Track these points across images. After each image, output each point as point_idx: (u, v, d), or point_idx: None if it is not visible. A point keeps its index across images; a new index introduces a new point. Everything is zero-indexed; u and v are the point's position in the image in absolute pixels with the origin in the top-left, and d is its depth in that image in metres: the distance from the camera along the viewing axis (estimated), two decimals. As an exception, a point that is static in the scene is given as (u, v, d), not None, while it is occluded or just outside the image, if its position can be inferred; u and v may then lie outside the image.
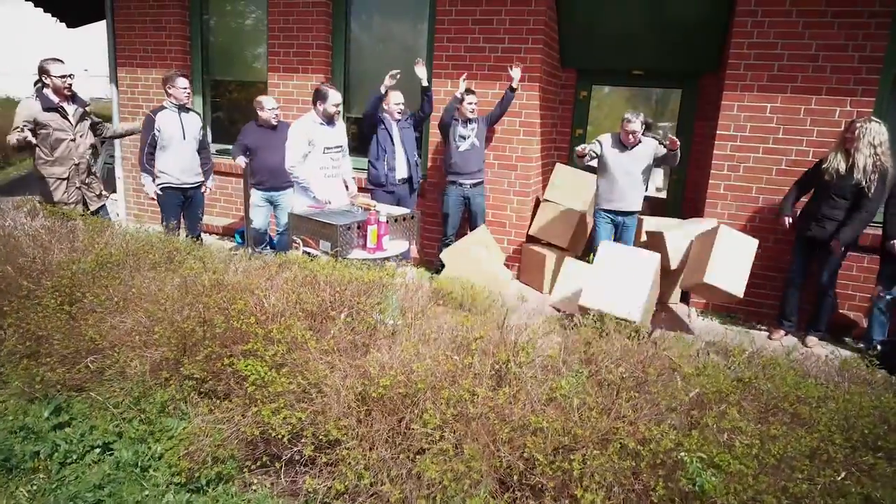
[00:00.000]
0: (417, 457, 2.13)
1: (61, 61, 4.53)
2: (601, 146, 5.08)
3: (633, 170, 5.02)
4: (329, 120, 4.75)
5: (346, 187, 5.04)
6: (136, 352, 2.55)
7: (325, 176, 4.78)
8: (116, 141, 7.75)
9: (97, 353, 2.64)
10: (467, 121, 5.50)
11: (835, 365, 2.72)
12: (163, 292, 2.83)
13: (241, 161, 5.51)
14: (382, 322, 2.74)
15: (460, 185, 5.57)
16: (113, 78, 7.72)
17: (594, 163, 5.24)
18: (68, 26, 10.65)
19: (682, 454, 1.91)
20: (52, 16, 9.78)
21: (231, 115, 7.47)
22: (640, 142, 5.01)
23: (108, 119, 10.50)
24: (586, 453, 1.95)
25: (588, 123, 6.54)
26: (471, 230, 5.84)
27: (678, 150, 4.82)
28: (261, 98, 5.55)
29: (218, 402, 2.47)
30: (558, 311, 5.08)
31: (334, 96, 4.67)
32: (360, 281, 2.92)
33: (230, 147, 6.99)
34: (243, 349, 2.38)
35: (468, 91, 5.52)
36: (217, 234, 7.22)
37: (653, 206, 6.56)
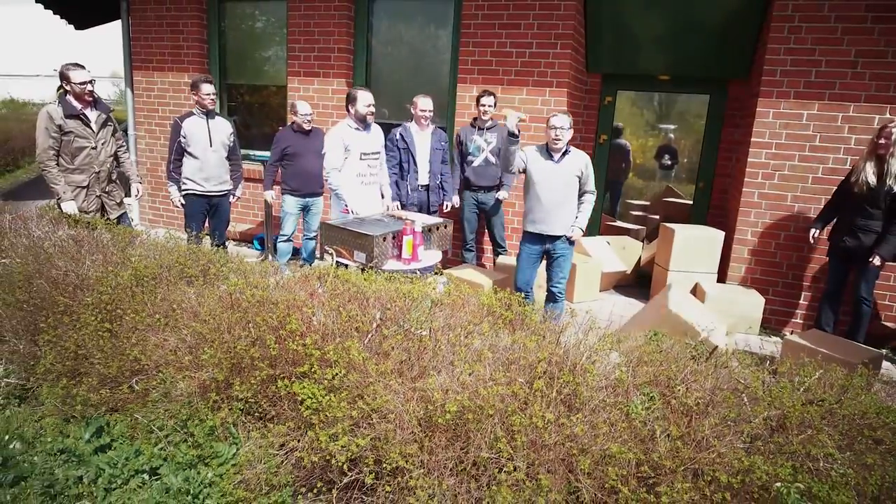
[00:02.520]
0: (487, 488, 2.02)
1: (82, 66, 4.42)
2: (527, 157, 4.25)
3: (561, 184, 4.19)
4: (363, 123, 4.66)
5: (382, 196, 4.94)
6: (183, 372, 2.44)
7: (361, 183, 4.68)
8: (132, 145, 7.66)
9: (141, 373, 2.54)
10: (483, 128, 5.32)
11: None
12: (204, 309, 2.73)
13: (270, 196, 5.59)
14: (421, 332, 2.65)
15: (474, 189, 5.47)
16: (128, 81, 7.62)
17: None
18: (76, 28, 10.61)
19: (778, 485, 1.81)
20: (61, 18, 9.73)
21: (249, 120, 7.37)
22: (568, 151, 4.19)
23: (122, 121, 10.44)
24: (673, 485, 1.84)
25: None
26: (489, 236, 5.75)
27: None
28: (296, 102, 5.46)
29: (270, 425, 2.36)
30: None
31: (364, 97, 4.59)
32: (409, 296, 2.82)
33: (249, 151, 6.93)
34: (299, 371, 2.28)
35: (486, 93, 5.29)
36: (235, 239, 7.12)
37: (677, 213, 6.47)
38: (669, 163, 6.65)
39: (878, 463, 1.91)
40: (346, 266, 3.88)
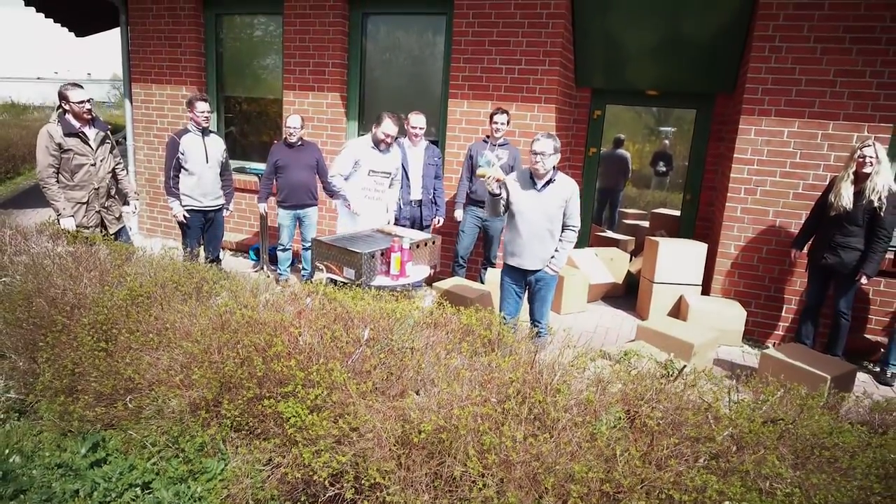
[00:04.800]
0: (461, 503, 2.14)
1: (80, 87, 4.56)
2: (508, 187, 3.93)
3: (541, 216, 3.92)
4: (378, 146, 4.81)
5: (387, 211, 5.12)
6: (175, 391, 2.57)
7: (365, 197, 4.86)
8: (130, 155, 7.79)
9: (135, 391, 2.66)
10: (495, 145, 5.40)
11: (865, 405, 2.74)
12: (196, 328, 2.86)
13: (262, 208, 5.91)
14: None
15: (480, 205, 5.57)
16: (127, 93, 7.76)
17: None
18: (77, 36, 10.80)
19: (726, 503, 1.93)
20: (62, 26, 9.92)
21: (245, 132, 7.50)
22: (552, 179, 3.93)
23: (121, 129, 10.61)
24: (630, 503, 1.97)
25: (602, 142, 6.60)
26: (485, 253, 5.86)
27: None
28: (287, 116, 5.72)
29: (257, 441, 2.48)
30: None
31: (386, 125, 4.71)
32: (393, 315, 2.95)
33: (245, 164, 7.06)
34: (284, 391, 2.40)
35: (499, 110, 5.35)
36: (231, 249, 7.25)
37: (666, 225, 6.60)
38: (664, 169, 6.78)
39: (824, 482, 2.03)
40: (336, 282, 4.01)
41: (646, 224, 6.91)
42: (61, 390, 2.80)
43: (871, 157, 4.23)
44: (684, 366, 2.82)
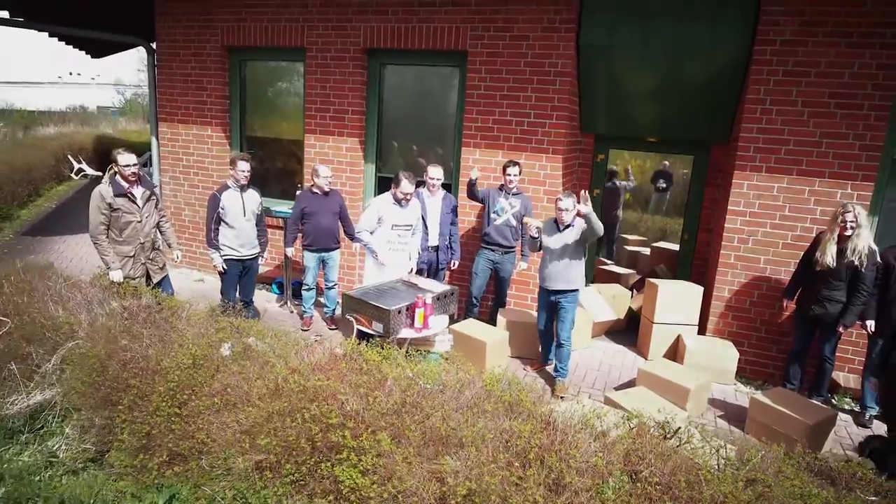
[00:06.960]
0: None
1: (131, 152, 4.98)
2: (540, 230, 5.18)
3: (562, 251, 5.10)
4: (400, 202, 5.27)
5: (410, 258, 5.55)
6: (244, 456, 2.99)
7: (389, 249, 5.30)
8: (157, 189, 8.20)
9: (207, 453, 3.08)
10: (509, 193, 5.83)
11: (837, 466, 3.15)
12: (254, 391, 3.28)
13: (290, 252, 6.21)
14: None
15: (492, 248, 5.98)
16: (154, 132, 8.18)
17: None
18: (92, 58, 11.23)
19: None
20: (79, 50, 10.35)
21: (266, 166, 7.92)
22: (571, 224, 5.09)
23: (145, 149, 11.02)
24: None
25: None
26: (496, 294, 6.27)
27: (591, 220, 4.84)
28: (317, 166, 6.04)
29: (316, 500, 2.90)
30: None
31: (405, 185, 5.20)
32: (422, 376, 3.37)
33: (271, 206, 7.47)
34: (338, 458, 2.83)
35: (511, 163, 5.79)
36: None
37: (665, 259, 7.02)
38: (664, 185, 7.16)
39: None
40: (365, 335, 4.43)
41: (646, 252, 7.32)
42: (139, 448, 3.22)
43: (852, 222, 4.65)
44: (679, 427, 3.25)
